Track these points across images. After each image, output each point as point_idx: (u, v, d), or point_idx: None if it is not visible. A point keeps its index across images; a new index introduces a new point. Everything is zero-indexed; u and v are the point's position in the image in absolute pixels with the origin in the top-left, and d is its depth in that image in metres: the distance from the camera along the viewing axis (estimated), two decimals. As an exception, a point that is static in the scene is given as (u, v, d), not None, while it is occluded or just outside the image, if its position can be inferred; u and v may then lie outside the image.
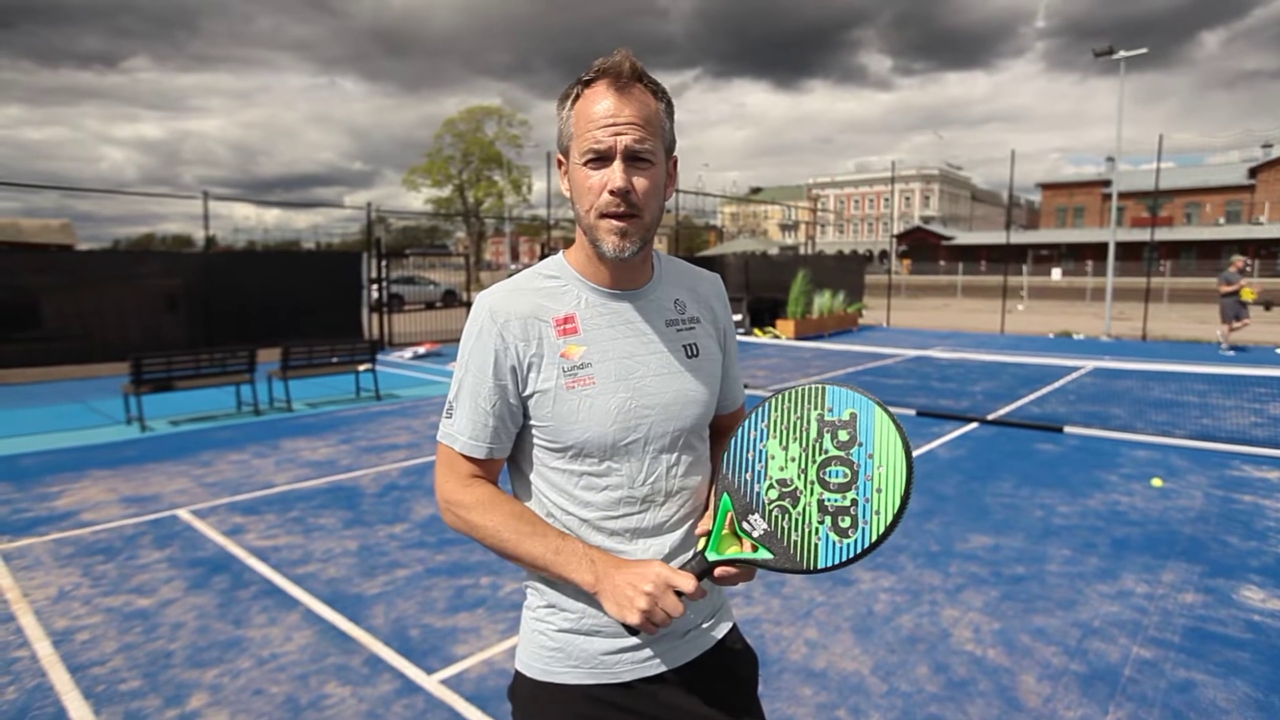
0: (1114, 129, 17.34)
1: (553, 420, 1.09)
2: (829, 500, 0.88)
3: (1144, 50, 16.72)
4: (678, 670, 1.17)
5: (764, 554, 0.88)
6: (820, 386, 0.95)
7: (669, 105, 1.11)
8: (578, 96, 1.06)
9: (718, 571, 0.94)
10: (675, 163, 1.16)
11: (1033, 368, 10.77)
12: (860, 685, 2.76)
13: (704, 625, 1.21)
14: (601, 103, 1.04)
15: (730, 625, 1.27)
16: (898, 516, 0.84)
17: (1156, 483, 5.23)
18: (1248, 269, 13.09)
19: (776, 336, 15.23)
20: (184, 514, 4.70)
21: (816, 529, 0.87)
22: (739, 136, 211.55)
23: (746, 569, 0.94)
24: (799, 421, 0.93)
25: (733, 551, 0.91)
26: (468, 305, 16.45)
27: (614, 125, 1.02)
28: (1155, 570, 3.76)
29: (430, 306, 18.89)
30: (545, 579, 1.15)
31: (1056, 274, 39.72)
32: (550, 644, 1.15)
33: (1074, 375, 10.31)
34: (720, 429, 1.32)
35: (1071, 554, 3.98)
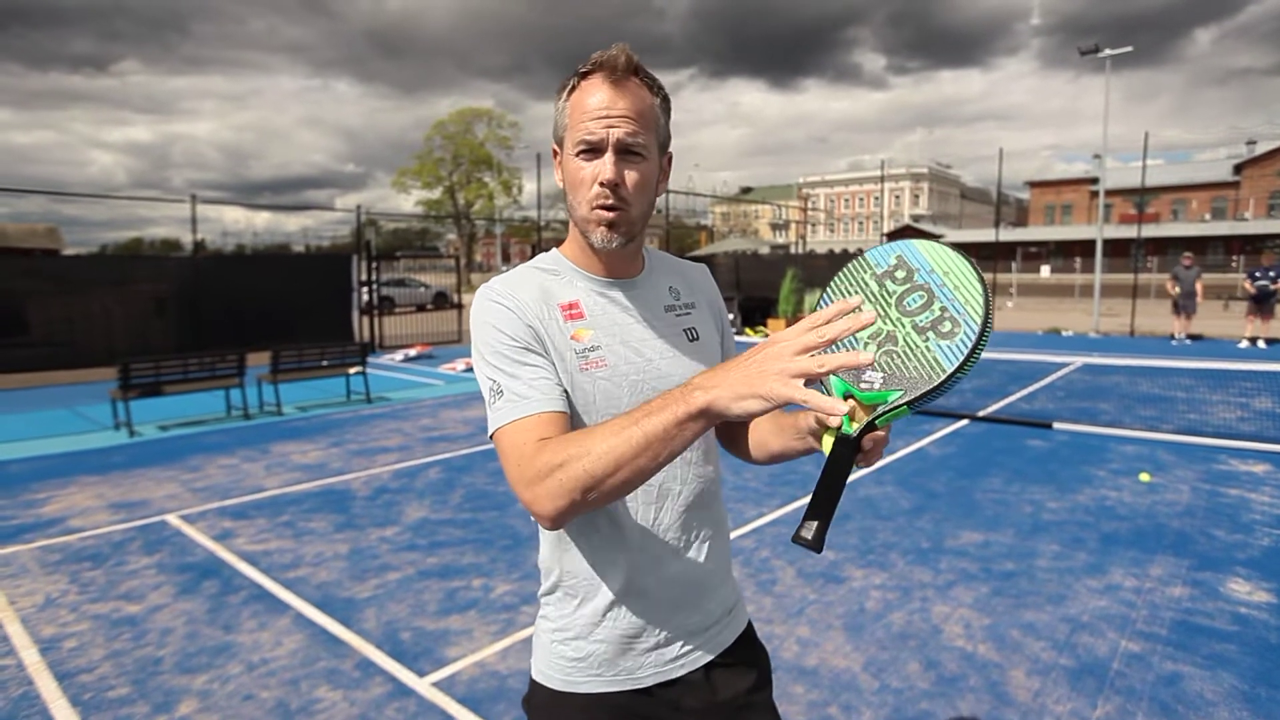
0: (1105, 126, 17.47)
1: (571, 402, 1.07)
2: (921, 320, 0.90)
3: (1129, 49, 16.86)
4: (698, 671, 1.17)
5: (894, 394, 0.87)
6: (861, 257, 0.99)
7: (665, 101, 1.11)
8: (573, 88, 1.06)
9: (865, 441, 0.92)
10: (669, 159, 1.16)
11: (1022, 364, 10.83)
12: (852, 682, 2.77)
13: (723, 622, 1.20)
14: (596, 95, 1.04)
15: (746, 621, 1.27)
16: (987, 300, 0.87)
17: (1144, 477, 5.27)
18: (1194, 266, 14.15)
19: (768, 336, 15.25)
20: (173, 519, 4.67)
21: (926, 347, 0.89)
22: (733, 136, 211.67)
23: (885, 425, 0.92)
24: (860, 287, 0.97)
25: (864, 418, 0.89)
26: (459, 307, 16.39)
27: (607, 118, 1.02)
28: (1143, 564, 3.79)
29: (421, 309, 18.83)
30: (565, 585, 1.14)
31: (1045, 271, 40.00)
32: (570, 653, 1.13)
33: (1063, 371, 10.38)
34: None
35: (1060, 549, 4.01)
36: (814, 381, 0.84)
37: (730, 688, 1.19)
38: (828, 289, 1.01)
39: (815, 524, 0.87)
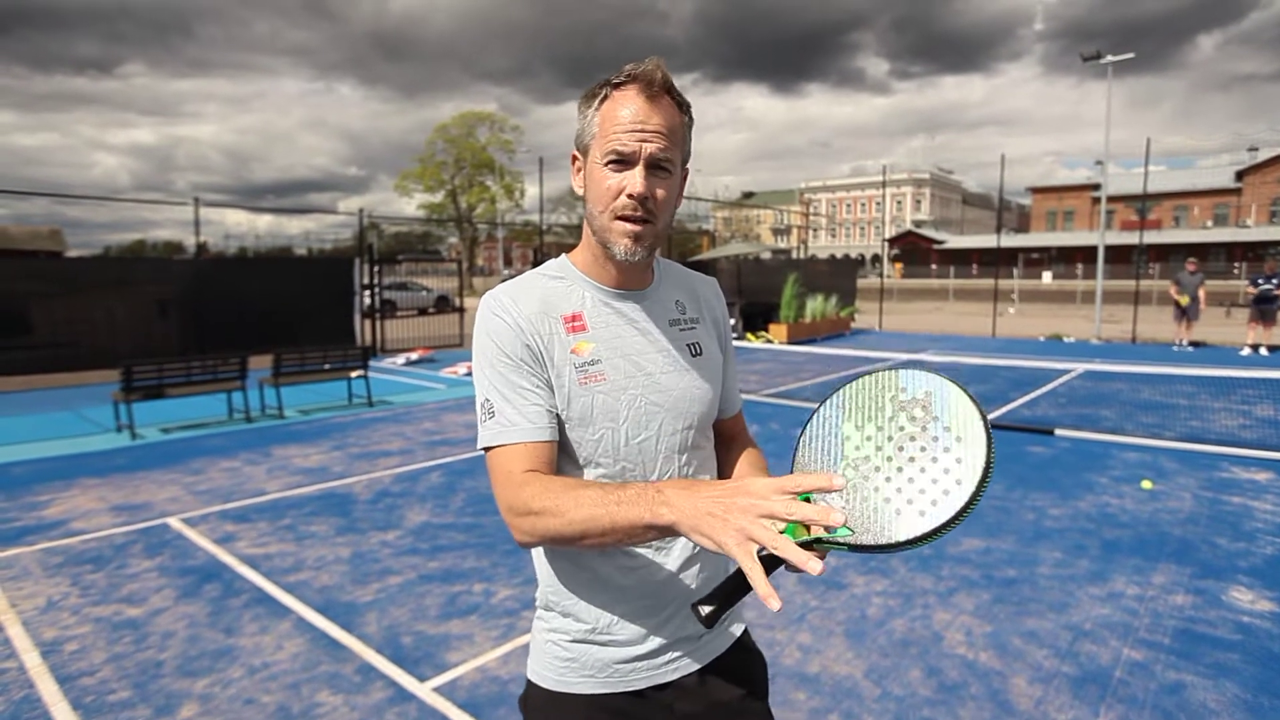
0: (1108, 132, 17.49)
1: (568, 417, 1.08)
2: (908, 474, 0.86)
3: (1131, 55, 16.91)
4: (692, 675, 1.17)
5: (843, 531, 0.84)
6: (894, 370, 0.95)
7: (690, 120, 1.12)
8: (605, 97, 1.07)
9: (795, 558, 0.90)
10: (686, 174, 1.17)
11: (1024, 370, 10.82)
12: (853, 689, 2.77)
13: (717, 628, 1.21)
14: (630, 107, 1.04)
15: (743, 628, 1.27)
16: (980, 486, 0.83)
17: (1146, 485, 5.27)
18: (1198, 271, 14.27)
19: (769, 341, 15.26)
20: (174, 522, 4.67)
21: (896, 504, 0.85)
22: (736, 140, 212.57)
23: (822, 550, 0.88)
24: (873, 404, 0.92)
25: (807, 534, 0.86)
26: (460, 311, 16.39)
27: (641, 131, 1.03)
28: (1145, 572, 3.79)
29: (423, 312, 18.84)
30: (561, 588, 1.15)
31: (1047, 277, 40.01)
32: (564, 654, 1.15)
33: (1065, 378, 10.37)
34: (725, 437, 1.31)
35: (1062, 556, 4.00)
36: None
37: (724, 693, 1.19)
38: (845, 389, 0.96)
39: (714, 607, 0.86)
